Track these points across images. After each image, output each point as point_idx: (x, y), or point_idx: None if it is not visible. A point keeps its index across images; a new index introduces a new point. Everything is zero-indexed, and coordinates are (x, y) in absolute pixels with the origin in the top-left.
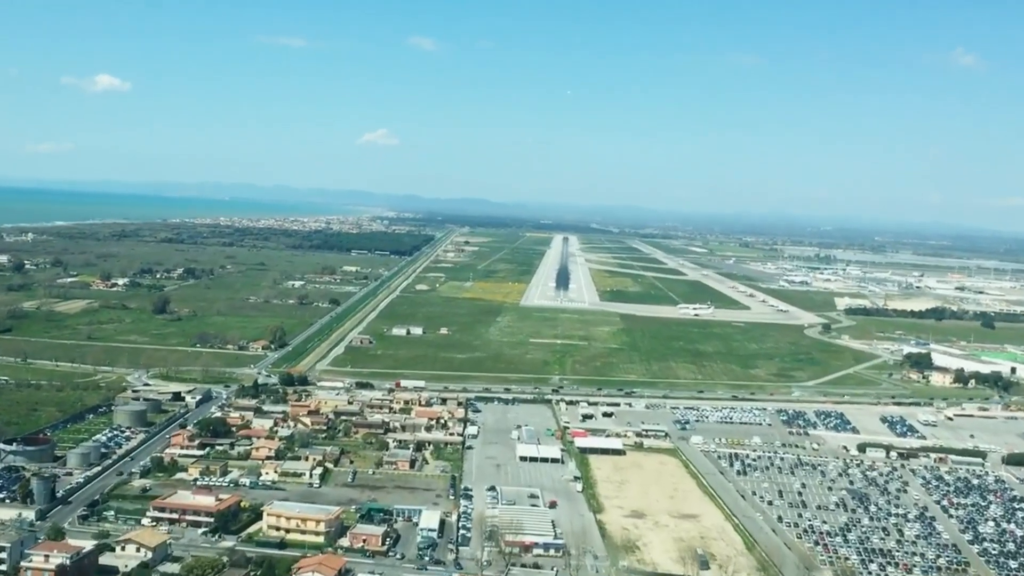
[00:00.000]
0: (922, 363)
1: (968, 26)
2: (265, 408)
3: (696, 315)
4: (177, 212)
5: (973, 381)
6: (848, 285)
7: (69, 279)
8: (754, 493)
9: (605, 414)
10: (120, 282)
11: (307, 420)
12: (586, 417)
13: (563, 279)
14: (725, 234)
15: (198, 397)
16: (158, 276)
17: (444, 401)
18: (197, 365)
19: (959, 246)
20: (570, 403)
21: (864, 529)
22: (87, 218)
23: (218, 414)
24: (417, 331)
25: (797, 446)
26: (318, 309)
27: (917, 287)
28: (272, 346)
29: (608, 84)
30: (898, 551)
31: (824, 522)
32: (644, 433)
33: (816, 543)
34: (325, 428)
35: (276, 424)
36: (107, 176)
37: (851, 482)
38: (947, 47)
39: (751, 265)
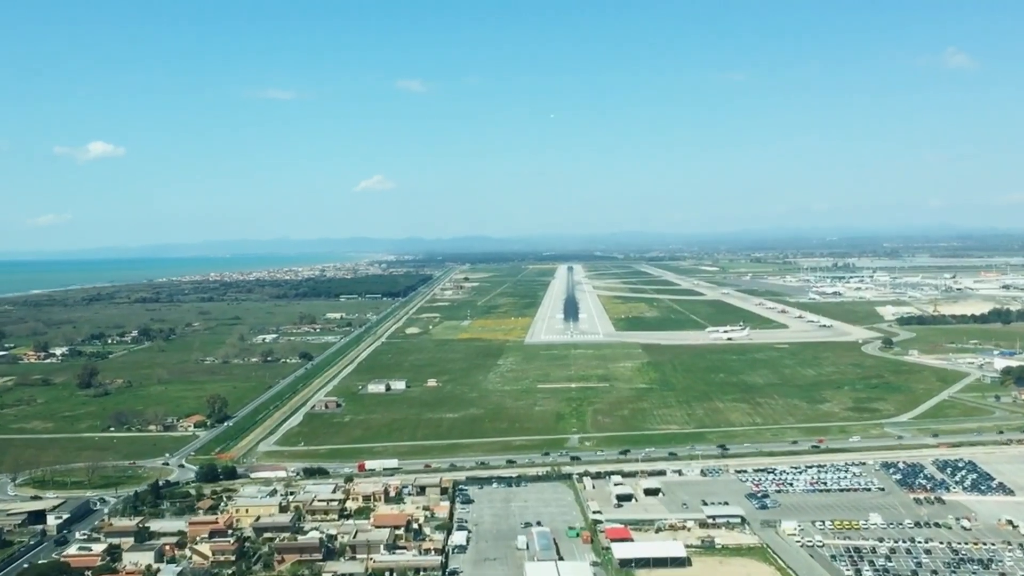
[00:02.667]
0: None
1: (957, 25)
2: (154, 528)
3: (730, 339)
4: (174, 272)
5: None
6: (883, 293)
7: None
8: None
9: (649, 491)
10: (58, 352)
11: (206, 548)
12: (622, 499)
13: (571, 309)
14: (732, 252)
15: (65, 515)
16: (109, 341)
17: (422, 490)
18: (95, 459)
19: (970, 246)
20: (597, 476)
21: None
22: (73, 284)
23: (71, 550)
24: (399, 386)
25: (938, 524)
26: (285, 367)
27: (958, 289)
28: (208, 422)
29: (601, 109)
30: None
31: None
32: (711, 521)
33: None
34: (235, 558)
35: (160, 559)
36: (109, 243)
37: None
38: (938, 48)
39: (770, 279)
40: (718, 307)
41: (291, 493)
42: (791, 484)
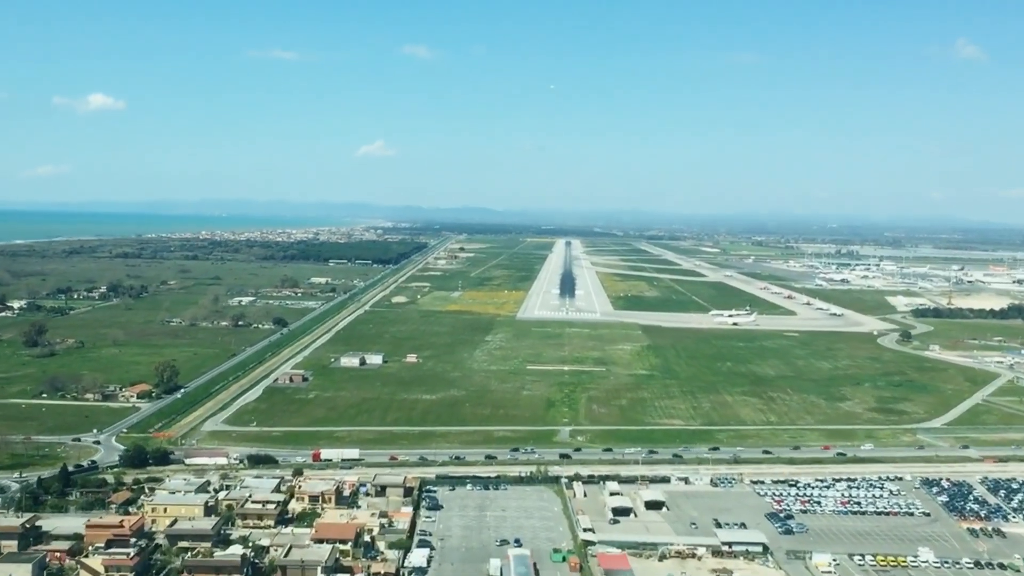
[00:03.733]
0: None
1: (969, 17)
2: (46, 528)
3: (735, 324)
4: (170, 229)
5: None
6: (892, 282)
7: None
8: None
9: (651, 504)
10: (16, 306)
11: (98, 564)
12: (619, 513)
13: (568, 285)
14: (732, 234)
15: None
16: (75, 296)
17: (383, 490)
18: (8, 431)
19: (972, 239)
20: (590, 480)
21: None
22: (61, 236)
23: None
24: (375, 360)
25: (1003, 566)
26: (256, 332)
27: (969, 282)
28: (154, 392)
29: (605, 87)
30: None
31: None
32: (727, 549)
33: None
34: None
35: (40, 572)
36: (107, 197)
37: None
38: (948, 39)
39: (773, 264)
40: (721, 289)
41: (226, 487)
42: (818, 502)
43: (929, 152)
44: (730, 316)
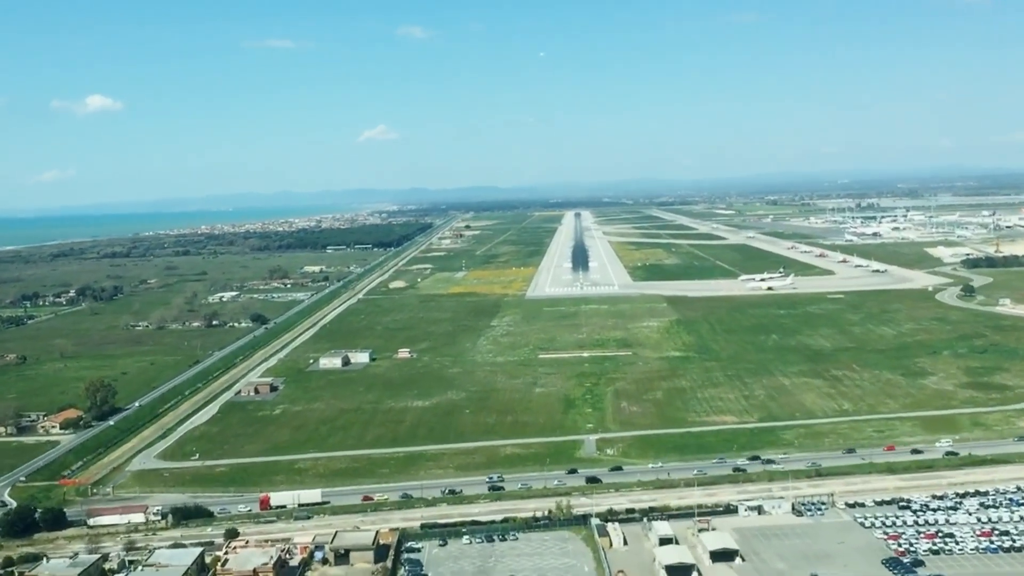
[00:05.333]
0: None
1: None
2: None
3: (770, 289)
4: (172, 226)
5: None
6: (926, 233)
7: None
8: None
9: (719, 555)
10: None
11: None
12: (676, 573)
13: (580, 257)
14: (742, 196)
15: None
16: (41, 303)
17: (345, 556)
18: None
19: (988, 185)
20: (629, 518)
21: None
22: (57, 240)
23: None
24: (361, 358)
25: None
26: (230, 333)
27: (1008, 227)
28: (84, 419)
29: (605, 57)
30: None
31: None
32: None
33: None
34: None
35: None
36: (114, 198)
37: None
38: None
39: (792, 222)
40: (745, 252)
41: (129, 564)
42: (951, 535)
43: (936, 101)
44: (763, 280)
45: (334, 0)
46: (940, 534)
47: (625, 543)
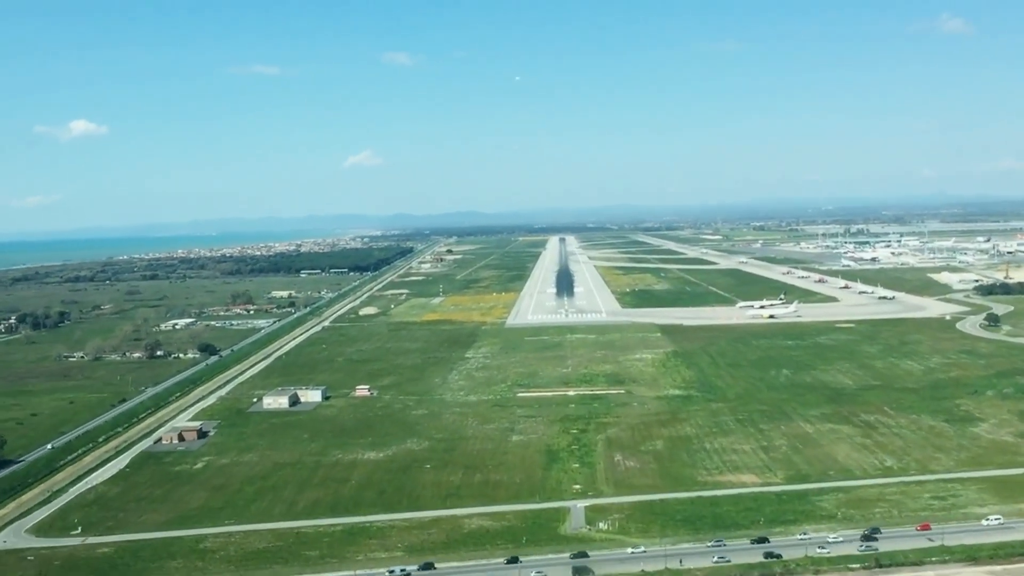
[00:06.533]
0: None
1: None
2: None
3: (772, 317)
4: (155, 251)
5: None
6: (926, 259)
7: None
8: None
9: None
10: None
11: None
12: None
13: (565, 282)
14: (728, 221)
15: None
16: None
17: None
18: None
19: (973, 212)
20: None
21: None
22: (26, 263)
23: None
24: (312, 396)
25: None
26: (173, 365)
27: (1009, 252)
28: None
29: (587, 84)
30: None
31: None
32: None
33: None
34: None
35: None
36: (99, 223)
37: None
38: (932, 13)
39: (783, 247)
40: (738, 277)
41: None
42: None
43: (918, 129)
44: (762, 307)
45: (321, 26)
46: None
47: None
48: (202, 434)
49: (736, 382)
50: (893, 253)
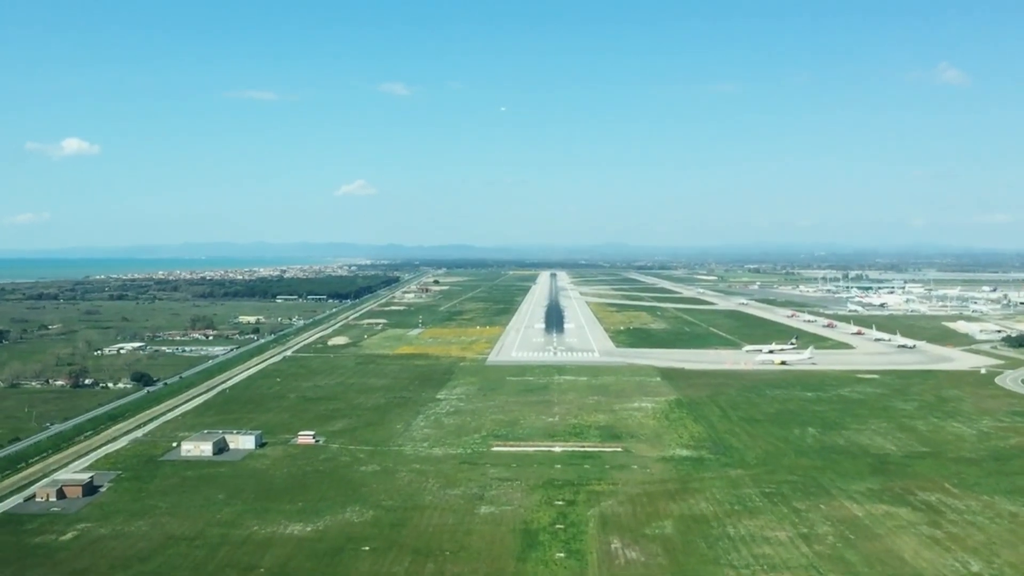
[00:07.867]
0: None
1: (951, 40)
2: None
3: (783, 363)
4: (144, 271)
5: None
6: (936, 306)
7: None
8: None
9: None
10: None
11: None
12: None
13: (555, 318)
14: (721, 263)
15: None
16: None
17: None
18: None
19: (966, 263)
20: None
21: None
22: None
23: None
24: (244, 443)
25: None
26: (99, 395)
27: (1021, 303)
28: None
29: (579, 121)
30: None
31: None
32: None
33: None
34: None
35: None
36: (90, 243)
37: None
38: (930, 63)
39: (781, 289)
40: (740, 319)
41: None
42: None
43: (911, 178)
44: (772, 352)
45: (319, 55)
46: None
47: None
48: (90, 489)
49: (755, 442)
50: (906, 300)
